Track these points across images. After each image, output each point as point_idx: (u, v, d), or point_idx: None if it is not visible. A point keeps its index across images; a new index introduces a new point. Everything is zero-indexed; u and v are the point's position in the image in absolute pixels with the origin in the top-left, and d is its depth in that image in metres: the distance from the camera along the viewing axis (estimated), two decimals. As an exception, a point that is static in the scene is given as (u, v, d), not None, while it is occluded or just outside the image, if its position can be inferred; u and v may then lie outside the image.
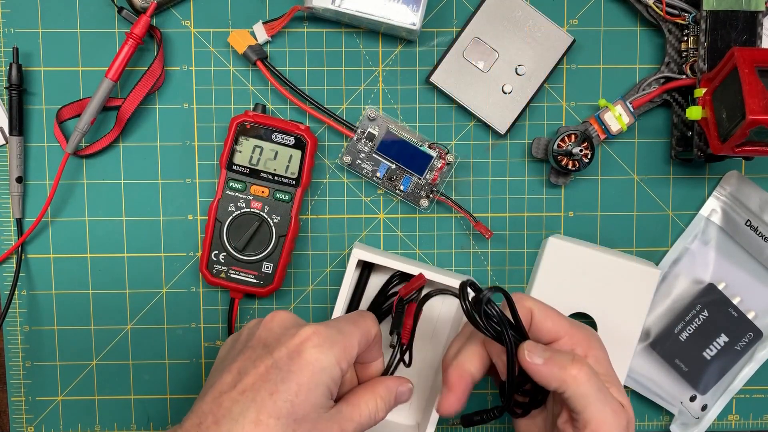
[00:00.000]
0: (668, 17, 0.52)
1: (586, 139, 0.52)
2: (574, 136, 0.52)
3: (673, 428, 0.56)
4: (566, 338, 0.43)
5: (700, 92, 0.50)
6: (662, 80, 0.53)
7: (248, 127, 0.52)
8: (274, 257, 0.53)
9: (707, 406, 0.56)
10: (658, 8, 0.52)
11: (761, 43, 0.51)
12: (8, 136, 0.53)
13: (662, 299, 0.56)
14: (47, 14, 0.54)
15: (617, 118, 0.52)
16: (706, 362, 0.55)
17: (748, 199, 0.55)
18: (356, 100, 0.55)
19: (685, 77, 0.52)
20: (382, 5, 0.51)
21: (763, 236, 0.54)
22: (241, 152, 0.52)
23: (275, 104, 0.55)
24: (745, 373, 0.55)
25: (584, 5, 0.55)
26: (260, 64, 0.53)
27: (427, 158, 0.53)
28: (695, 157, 0.52)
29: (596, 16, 0.55)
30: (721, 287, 0.55)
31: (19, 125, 0.53)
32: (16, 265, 0.54)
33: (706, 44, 0.50)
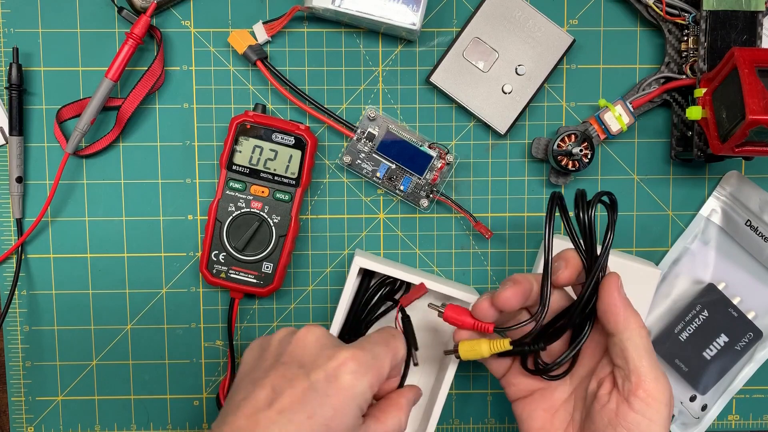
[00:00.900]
0: (668, 17, 0.52)
1: (586, 139, 0.52)
2: (574, 136, 0.52)
3: (673, 428, 0.56)
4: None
5: (700, 92, 0.50)
6: (662, 80, 0.53)
7: (248, 127, 0.52)
8: (274, 257, 0.53)
9: (707, 406, 0.56)
10: (658, 8, 0.52)
11: (761, 43, 0.51)
12: (8, 136, 0.53)
13: (662, 299, 0.56)
14: (47, 14, 0.54)
15: (617, 118, 0.52)
16: (706, 362, 0.55)
17: (748, 199, 0.55)
18: (356, 100, 0.55)
19: (685, 77, 0.52)
20: (382, 5, 0.51)
21: (763, 236, 0.54)
22: (241, 152, 0.52)
23: (275, 104, 0.55)
24: (745, 373, 0.55)
25: (584, 5, 0.55)
26: (260, 64, 0.53)
27: (427, 158, 0.53)
28: (695, 157, 0.52)
29: (596, 16, 0.55)
30: (721, 287, 0.55)
31: (19, 125, 0.53)
32: (16, 265, 0.54)
33: (706, 44, 0.50)
